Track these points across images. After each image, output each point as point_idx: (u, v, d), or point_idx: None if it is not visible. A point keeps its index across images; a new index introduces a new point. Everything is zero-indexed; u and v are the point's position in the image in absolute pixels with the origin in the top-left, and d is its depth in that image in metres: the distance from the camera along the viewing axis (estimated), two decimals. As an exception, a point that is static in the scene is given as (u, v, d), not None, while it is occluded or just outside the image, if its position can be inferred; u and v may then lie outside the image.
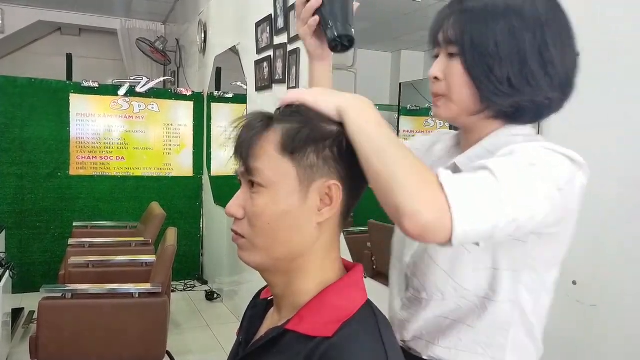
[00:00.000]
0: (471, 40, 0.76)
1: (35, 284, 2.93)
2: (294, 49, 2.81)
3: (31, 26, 6.18)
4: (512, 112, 0.80)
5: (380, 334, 0.63)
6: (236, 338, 0.79)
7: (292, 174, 0.64)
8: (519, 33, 0.75)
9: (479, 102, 0.79)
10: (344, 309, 0.64)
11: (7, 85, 4.04)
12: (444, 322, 0.86)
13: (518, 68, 0.76)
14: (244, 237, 0.67)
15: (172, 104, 4.57)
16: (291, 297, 0.68)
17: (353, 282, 0.68)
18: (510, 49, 0.75)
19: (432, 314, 0.87)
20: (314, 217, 0.65)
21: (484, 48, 0.76)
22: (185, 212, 4.63)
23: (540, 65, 0.76)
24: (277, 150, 0.64)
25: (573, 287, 1.31)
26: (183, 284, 4.56)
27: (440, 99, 0.82)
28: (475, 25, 0.76)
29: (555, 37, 0.78)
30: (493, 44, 0.75)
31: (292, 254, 0.66)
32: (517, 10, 0.76)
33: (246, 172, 0.65)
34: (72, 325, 2.27)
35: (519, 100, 0.78)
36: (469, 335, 0.84)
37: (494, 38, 0.75)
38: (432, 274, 0.85)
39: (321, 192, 0.65)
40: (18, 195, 4.11)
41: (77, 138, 4.26)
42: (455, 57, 0.79)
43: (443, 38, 0.80)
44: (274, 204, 0.64)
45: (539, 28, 0.76)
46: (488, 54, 0.75)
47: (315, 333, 0.62)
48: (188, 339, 3.49)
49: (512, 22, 0.75)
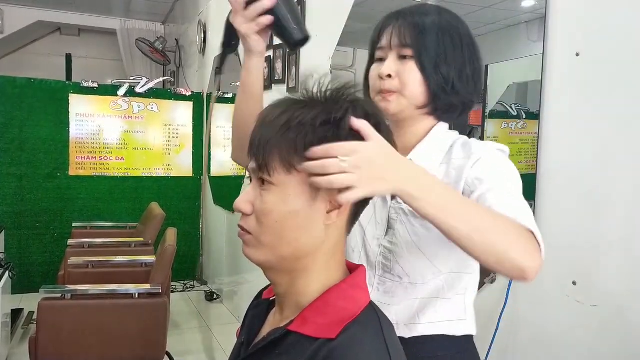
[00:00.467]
0: (425, 45, 0.91)
1: (35, 284, 2.93)
2: (293, 49, 2.81)
3: (30, 26, 6.18)
4: (446, 109, 0.95)
5: (384, 335, 0.63)
6: (237, 338, 0.79)
7: (304, 175, 0.63)
8: (459, 46, 0.93)
9: (427, 98, 0.93)
10: (347, 310, 0.64)
11: (6, 86, 4.04)
12: (422, 302, 0.96)
13: (458, 73, 0.93)
14: (250, 233, 0.67)
15: (172, 104, 4.57)
16: (294, 296, 0.68)
17: (356, 283, 0.68)
18: (454, 57, 0.93)
19: (412, 296, 0.96)
20: (322, 219, 0.65)
21: (435, 53, 0.91)
22: (184, 212, 4.63)
23: (471, 72, 0.95)
24: (291, 151, 0.63)
25: (573, 288, 1.31)
26: (183, 285, 4.55)
27: (392, 94, 0.94)
28: (428, 34, 0.92)
29: (478, 53, 0.97)
30: (442, 51, 0.92)
31: (298, 253, 0.66)
32: (455, 29, 0.94)
33: (258, 169, 0.65)
34: (71, 325, 2.27)
35: (455, 100, 0.94)
36: (445, 306, 0.96)
37: (443, 47, 0.92)
38: (418, 262, 0.94)
39: (331, 195, 0.64)
40: (17, 196, 4.10)
41: (76, 138, 4.25)
42: (409, 59, 0.92)
43: (398, 42, 0.92)
44: (284, 203, 0.64)
45: (471, 45, 0.95)
46: (438, 58, 0.92)
47: (318, 334, 0.61)
48: (187, 340, 3.49)
49: (454, 37, 0.93)
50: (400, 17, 0.95)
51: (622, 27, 1.21)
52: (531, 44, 1.68)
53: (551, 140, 1.38)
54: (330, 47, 2.43)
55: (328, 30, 2.43)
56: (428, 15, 0.94)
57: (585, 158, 1.29)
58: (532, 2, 1.85)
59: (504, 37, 1.98)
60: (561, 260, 1.34)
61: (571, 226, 1.33)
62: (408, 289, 0.96)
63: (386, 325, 0.66)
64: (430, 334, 0.95)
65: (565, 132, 1.35)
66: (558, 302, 1.35)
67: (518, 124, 1.91)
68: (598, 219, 1.26)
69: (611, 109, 1.23)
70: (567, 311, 1.33)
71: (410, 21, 0.93)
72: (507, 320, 1.48)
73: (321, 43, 2.51)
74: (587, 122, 1.29)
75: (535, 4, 1.67)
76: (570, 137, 1.33)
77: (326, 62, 2.44)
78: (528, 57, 1.72)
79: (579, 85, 1.31)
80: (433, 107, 0.94)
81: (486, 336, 1.51)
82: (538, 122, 1.42)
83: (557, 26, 1.36)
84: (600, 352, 1.26)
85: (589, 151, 1.28)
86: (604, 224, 1.25)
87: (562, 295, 1.33)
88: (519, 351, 1.49)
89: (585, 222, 1.29)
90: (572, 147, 1.33)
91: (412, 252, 0.94)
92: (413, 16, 0.94)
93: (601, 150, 1.25)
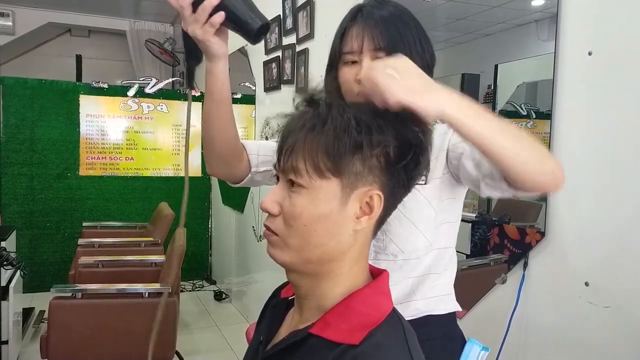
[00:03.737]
0: (394, 45, 0.92)
1: (46, 283, 2.96)
2: (302, 50, 2.81)
3: (41, 28, 6.22)
4: None
5: (408, 344, 0.62)
6: (252, 336, 0.79)
7: (336, 180, 0.62)
8: (417, 38, 0.94)
9: None
10: (371, 316, 0.63)
11: (17, 87, 4.08)
12: (417, 280, 0.99)
13: (429, 56, 0.96)
14: (277, 234, 0.66)
15: (181, 105, 4.59)
16: (316, 299, 0.67)
17: (379, 289, 0.67)
18: (417, 50, 0.94)
19: (406, 274, 0.99)
20: (352, 224, 0.64)
21: (404, 51, 0.90)
22: (193, 212, 4.65)
23: (430, 61, 0.97)
24: (324, 154, 0.62)
25: (585, 289, 1.30)
26: (192, 284, 4.57)
27: None
28: (393, 32, 0.92)
29: (428, 39, 0.99)
30: (412, 42, 0.93)
31: (325, 257, 0.64)
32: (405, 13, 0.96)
33: (290, 171, 0.64)
34: (82, 324, 2.28)
35: None
36: (438, 281, 1.01)
37: (407, 42, 0.93)
38: (412, 236, 0.97)
39: (362, 200, 0.64)
40: (28, 196, 4.14)
41: (86, 139, 4.29)
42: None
43: (372, 46, 0.92)
44: (313, 206, 0.63)
45: (423, 30, 0.97)
46: (412, 51, 0.93)
47: (341, 340, 0.60)
48: (196, 339, 3.50)
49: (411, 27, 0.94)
50: (364, 17, 0.94)
51: (635, 26, 1.19)
52: (541, 43, 1.66)
53: (563, 139, 1.37)
54: (339, 47, 2.43)
55: (337, 30, 2.43)
56: (387, 12, 0.94)
57: (598, 157, 1.28)
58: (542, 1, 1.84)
59: (513, 36, 1.97)
60: (573, 261, 1.33)
61: (583, 226, 1.31)
62: (403, 267, 0.98)
63: (409, 332, 0.65)
64: (423, 315, 0.99)
65: (577, 131, 1.34)
66: (570, 303, 1.34)
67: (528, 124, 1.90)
68: (610, 219, 1.25)
69: (624, 108, 1.22)
70: (579, 312, 1.32)
71: (376, 20, 0.93)
72: (518, 321, 1.47)
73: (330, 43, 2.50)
74: (600, 121, 1.28)
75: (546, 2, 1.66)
76: (583, 137, 1.32)
77: (335, 62, 2.44)
78: (538, 57, 1.70)
79: (591, 85, 1.30)
80: None
81: (497, 338, 1.50)
82: (549, 121, 1.41)
83: (569, 25, 1.35)
84: (613, 354, 1.24)
85: (602, 150, 1.27)
86: (616, 224, 1.23)
87: (574, 296, 1.32)
88: (529, 353, 1.48)
89: (597, 222, 1.28)
90: (584, 146, 1.31)
91: (403, 225, 0.95)
92: (375, 14, 0.94)
93: (614, 149, 1.24)
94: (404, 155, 0.65)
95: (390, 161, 0.64)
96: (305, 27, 2.76)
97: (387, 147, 0.63)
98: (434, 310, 1.01)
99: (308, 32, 2.73)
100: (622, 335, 1.22)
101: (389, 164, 0.64)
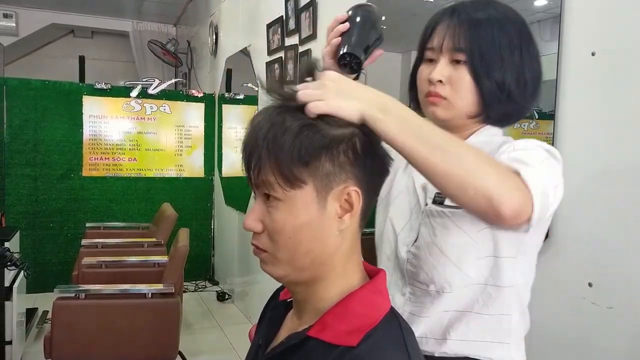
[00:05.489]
0: (479, 50, 0.84)
1: (49, 284, 2.96)
2: (305, 50, 2.81)
3: (45, 29, 6.25)
4: (501, 118, 0.89)
5: (406, 344, 0.62)
6: (252, 339, 0.79)
7: (308, 185, 0.61)
8: (518, 48, 0.85)
9: (479, 107, 0.87)
10: (368, 316, 0.62)
11: (21, 88, 4.09)
12: (453, 316, 0.88)
13: (516, 79, 0.85)
14: (265, 251, 0.65)
15: (184, 106, 4.60)
16: (313, 302, 0.66)
17: (376, 288, 0.66)
18: (512, 62, 0.84)
19: (441, 307, 0.89)
20: (335, 224, 0.63)
21: (490, 58, 0.83)
22: (196, 213, 4.65)
23: (531, 77, 0.86)
24: (291, 163, 0.60)
25: (589, 289, 1.29)
26: (194, 285, 4.58)
27: (441, 100, 0.87)
28: (483, 37, 0.84)
29: (538, 54, 0.89)
30: (498, 56, 0.84)
31: (316, 262, 0.64)
32: (513, 27, 0.85)
33: (261, 185, 0.63)
34: (85, 325, 2.29)
35: (510, 108, 0.87)
36: (478, 323, 0.87)
37: (499, 50, 0.84)
38: (442, 266, 0.87)
39: (340, 199, 0.63)
40: (32, 197, 4.15)
41: (89, 139, 4.30)
42: (462, 64, 0.85)
43: (451, 45, 0.85)
44: (294, 217, 0.62)
45: (531, 45, 0.87)
46: (493, 64, 0.84)
47: (339, 341, 0.60)
48: (199, 339, 3.51)
49: (512, 38, 0.85)
50: (455, 15, 0.87)
51: (638, 26, 1.19)
52: (544, 44, 1.66)
53: (567, 140, 1.37)
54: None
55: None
56: (483, 14, 0.85)
57: (602, 158, 1.27)
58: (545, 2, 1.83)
59: (517, 36, 1.96)
60: (577, 262, 1.33)
61: (587, 226, 1.31)
62: (436, 298, 0.89)
63: (407, 332, 0.64)
64: (461, 355, 0.88)
65: (581, 132, 1.34)
66: (573, 303, 1.34)
67: (530, 124, 1.89)
68: (614, 220, 1.24)
69: (628, 108, 1.22)
70: (582, 313, 1.31)
71: (464, 20, 0.85)
72: (521, 322, 1.47)
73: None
74: (603, 122, 1.27)
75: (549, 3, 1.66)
76: (586, 137, 1.32)
77: (338, 63, 2.44)
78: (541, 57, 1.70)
79: (595, 85, 1.30)
80: (485, 116, 0.88)
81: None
82: (552, 122, 1.41)
83: (572, 26, 1.35)
84: (617, 355, 1.24)
85: (605, 151, 1.27)
86: (620, 224, 1.23)
87: (578, 296, 1.32)
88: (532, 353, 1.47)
89: (601, 222, 1.28)
90: (587, 147, 1.31)
91: (433, 253, 0.88)
92: (467, 14, 0.86)
93: (617, 150, 1.24)
94: (370, 141, 0.64)
95: (358, 152, 0.62)
96: (308, 28, 2.77)
97: (353, 138, 0.62)
98: (475, 354, 0.88)
99: (311, 32, 2.73)
100: (626, 336, 1.22)
101: (357, 156, 0.62)
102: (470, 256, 0.86)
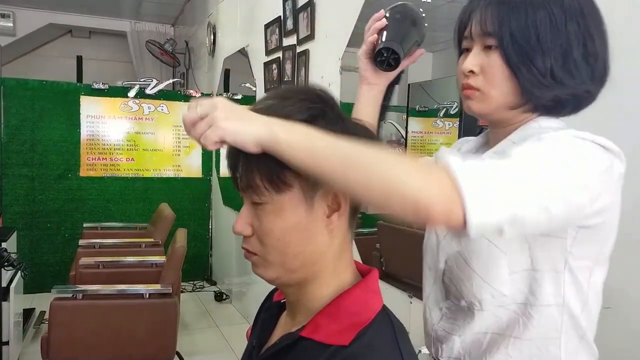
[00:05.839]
0: (510, 31, 0.73)
1: (46, 284, 2.96)
2: (303, 51, 2.81)
3: (42, 29, 6.24)
4: (552, 105, 0.77)
5: (398, 343, 0.62)
6: (248, 341, 0.79)
7: (295, 187, 0.61)
8: (561, 23, 0.72)
9: (519, 96, 0.76)
10: (360, 315, 0.62)
11: (18, 88, 4.08)
12: (486, 338, 0.80)
13: (561, 60, 0.73)
14: (256, 254, 0.65)
15: (182, 106, 4.59)
16: (306, 303, 0.67)
17: (368, 287, 0.66)
18: (553, 40, 0.72)
19: (476, 328, 0.81)
20: (324, 224, 0.63)
21: (525, 40, 0.73)
22: (194, 213, 4.65)
23: (583, 56, 0.74)
24: (276, 167, 0.59)
25: (586, 289, 1.29)
26: (192, 285, 4.57)
27: (474, 92, 0.79)
28: (515, 15, 0.73)
29: (597, 28, 0.75)
30: (534, 35, 0.72)
31: (306, 263, 0.64)
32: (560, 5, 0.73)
33: (248, 190, 0.63)
34: (83, 325, 2.29)
35: (560, 93, 0.75)
36: (517, 348, 0.78)
37: (535, 29, 0.72)
38: (468, 280, 0.79)
39: (327, 198, 0.63)
40: (29, 197, 4.14)
41: (87, 139, 4.29)
42: (494, 50, 0.76)
43: (479, 30, 0.77)
44: (282, 219, 0.62)
45: (581, 18, 0.73)
46: (529, 46, 0.73)
47: (331, 341, 0.60)
48: (197, 340, 3.51)
49: (553, 11, 0.72)
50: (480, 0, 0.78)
51: (634, 26, 1.19)
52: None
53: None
54: (340, 48, 2.43)
55: (338, 31, 2.43)
56: None
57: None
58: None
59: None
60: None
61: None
62: (469, 316, 0.82)
63: (400, 330, 0.64)
64: None
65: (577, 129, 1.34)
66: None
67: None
68: (611, 220, 1.25)
69: (624, 107, 1.22)
70: (579, 313, 1.31)
71: (491, 1, 0.76)
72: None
73: (330, 44, 2.51)
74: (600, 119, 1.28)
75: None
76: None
77: (336, 63, 2.45)
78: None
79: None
80: (531, 105, 0.77)
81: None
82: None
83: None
84: (614, 355, 1.24)
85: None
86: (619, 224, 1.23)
87: (574, 297, 1.32)
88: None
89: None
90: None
91: (460, 266, 0.81)
92: None
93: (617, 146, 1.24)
94: None
95: None
96: (305, 28, 2.77)
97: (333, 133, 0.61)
98: None
99: (309, 33, 2.73)
100: (623, 336, 1.22)
101: None
102: (501, 270, 0.76)
